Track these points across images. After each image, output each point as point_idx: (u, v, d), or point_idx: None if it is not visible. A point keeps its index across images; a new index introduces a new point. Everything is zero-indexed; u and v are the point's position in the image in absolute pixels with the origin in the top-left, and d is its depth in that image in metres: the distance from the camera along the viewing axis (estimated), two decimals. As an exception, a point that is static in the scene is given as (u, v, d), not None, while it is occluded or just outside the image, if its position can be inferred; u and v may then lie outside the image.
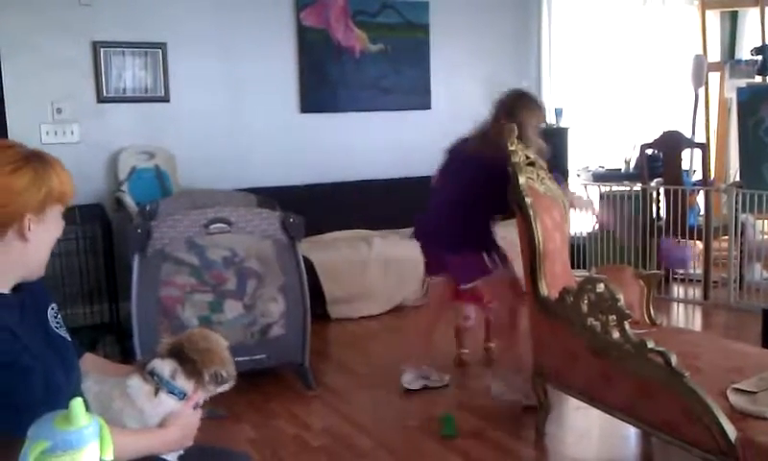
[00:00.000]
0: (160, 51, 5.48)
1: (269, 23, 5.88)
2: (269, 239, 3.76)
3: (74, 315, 4.55)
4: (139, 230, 3.59)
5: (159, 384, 1.74)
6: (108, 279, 4.86)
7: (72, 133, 5.23)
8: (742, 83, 6.48)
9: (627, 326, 2.50)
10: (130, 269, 3.62)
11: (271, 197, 4.54)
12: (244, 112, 5.84)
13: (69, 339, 1.68)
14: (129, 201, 4.99)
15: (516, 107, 3.69)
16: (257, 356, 3.74)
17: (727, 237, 5.36)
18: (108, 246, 4.82)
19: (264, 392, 3.86)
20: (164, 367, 1.77)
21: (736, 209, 5.24)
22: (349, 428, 3.49)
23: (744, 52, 7.17)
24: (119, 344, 4.48)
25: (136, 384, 1.75)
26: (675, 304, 5.54)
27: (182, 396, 1.75)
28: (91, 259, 4.81)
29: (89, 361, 1.86)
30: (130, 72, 5.42)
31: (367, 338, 4.95)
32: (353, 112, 6.26)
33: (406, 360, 3.96)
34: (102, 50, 5.27)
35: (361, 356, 4.57)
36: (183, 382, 1.76)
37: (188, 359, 1.78)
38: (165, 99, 5.55)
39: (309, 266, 4.98)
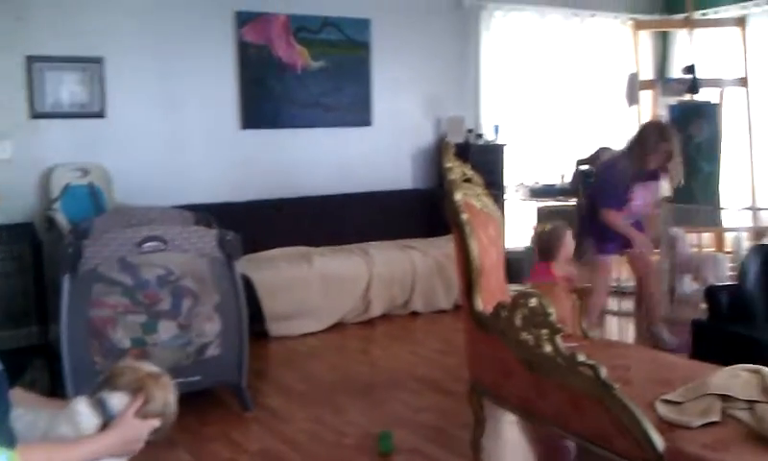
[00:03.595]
0: (97, 66, 5.39)
1: (209, 39, 5.83)
2: (205, 257, 3.71)
3: (1, 338, 4.40)
4: (70, 250, 3.49)
5: (109, 419, 1.72)
6: (37, 300, 4.72)
7: (4, 149, 5.08)
8: (673, 100, 6.68)
9: (558, 339, 2.53)
10: (60, 290, 3.52)
11: (210, 214, 4.49)
12: (183, 128, 5.76)
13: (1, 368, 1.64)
14: (61, 219, 4.85)
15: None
16: (193, 378, 3.67)
17: (659, 250, 5.51)
18: (38, 266, 4.68)
19: (200, 414, 3.78)
20: (117, 401, 1.74)
21: (668, 223, 5.39)
22: (286, 449, 3.45)
23: (675, 71, 7.40)
24: (48, 367, 4.34)
25: (85, 412, 1.72)
26: (608, 317, 5.65)
27: None
28: (20, 280, 4.67)
29: (18, 395, 1.80)
30: (65, 87, 5.31)
31: (307, 356, 4.91)
32: (295, 129, 6.25)
33: None
34: (36, 64, 5.15)
35: (300, 375, 4.53)
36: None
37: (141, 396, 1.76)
38: (101, 115, 5.45)
39: (248, 284, 4.93)
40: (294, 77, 6.18)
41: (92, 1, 5.36)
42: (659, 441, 2.24)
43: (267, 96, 6.09)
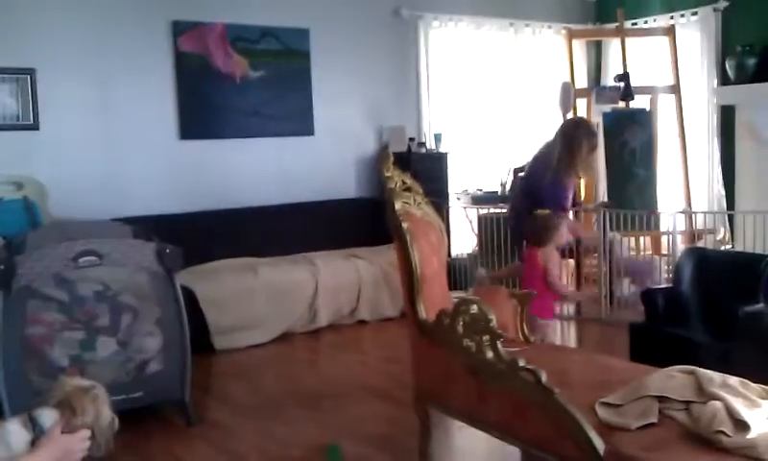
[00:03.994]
0: (29, 77, 5.25)
1: (145, 48, 5.75)
2: (144, 271, 3.64)
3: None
4: (2, 266, 3.38)
5: (40, 434, 1.67)
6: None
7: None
8: (607, 108, 6.86)
9: (499, 345, 2.56)
10: (-8, 308, 3.40)
11: (150, 226, 4.40)
12: (120, 140, 5.66)
13: None
14: (-7, 235, 4.70)
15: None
16: (134, 394, 3.60)
17: (596, 255, 5.64)
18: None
19: (142, 431, 3.70)
20: (47, 417, 1.70)
21: (605, 228, 5.52)
22: (232, 464, 3.41)
23: (609, 79, 7.60)
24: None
25: (16, 430, 1.69)
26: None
27: None
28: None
29: None
30: (-4, 99, 5.16)
31: (253, 368, 4.87)
32: (235, 139, 6.19)
33: None
34: (-35, 76, 5.00)
35: (247, 387, 4.48)
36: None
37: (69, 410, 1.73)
38: (35, 127, 5.32)
39: (191, 297, 4.86)
40: (233, 87, 6.13)
41: (23, 12, 5.24)
42: (599, 443, 2.29)
43: (206, 106, 6.02)
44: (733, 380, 2.52)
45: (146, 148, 5.76)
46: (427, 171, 6.15)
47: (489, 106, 7.54)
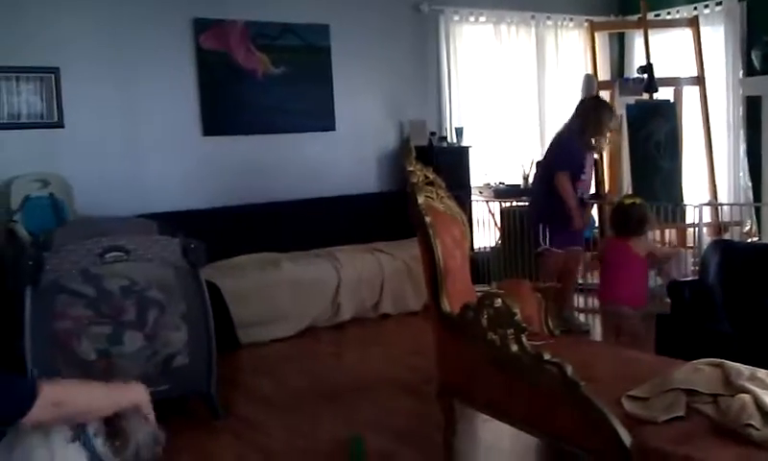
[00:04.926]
0: (53, 76, 5.32)
1: (167, 46, 5.79)
2: (169, 266, 3.68)
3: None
4: (31, 262, 3.44)
5: (84, 440, 1.68)
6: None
7: (-40, 162, 4.99)
8: (631, 100, 6.80)
9: (524, 338, 2.56)
10: (22, 303, 3.45)
11: (174, 222, 4.44)
12: (143, 137, 5.71)
13: None
14: (21, 231, 4.77)
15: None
16: (160, 388, 3.59)
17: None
18: (-1, 279, 4.58)
19: (169, 425, 3.72)
20: (93, 429, 1.71)
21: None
22: (259, 458, 3.43)
23: (632, 71, 7.53)
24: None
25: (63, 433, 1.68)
26: (575, 314, 5.71)
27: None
28: (-20, 294, 4.56)
29: None
30: (21, 98, 5.23)
31: (277, 362, 4.90)
32: (257, 135, 6.22)
33: None
34: (-10, 75, 5.07)
35: (271, 381, 4.51)
36: (105, 450, 1.71)
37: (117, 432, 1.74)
38: (60, 125, 5.38)
39: (216, 291, 4.90)
40: (254, 83, 6.16)
41: (47, 11, 5.29)
42: (626, 436, 2.27)
43: (228, 103, 6.06)
44: (762, 373, 2.50)
45: (169, 145, 5.81)
46: (449, 165, 6.14)
47: (511, 99, 7.50)
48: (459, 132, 6.90)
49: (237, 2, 6.06)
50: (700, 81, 7.06)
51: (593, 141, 5.03)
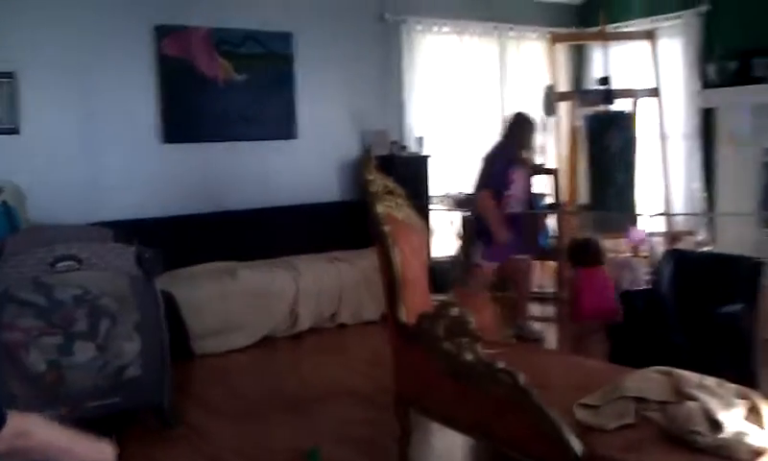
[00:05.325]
0: (10, 81, 5.21)
1: (127, 52, 5.71)
2: (124, 275, 3.62)
3: None
4: (-21, 272, 3.35)
5: None
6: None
7: None
8: (590, 111, 6.89)
9: (478, 347, 2.57)
10: (-31, 314, 3.37)
11: (131, 230, 4.37)
12: (101, 143, 5.62)
13: None
14: (-29, 240, 4.65)
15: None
16: (112, 400, 3.58)
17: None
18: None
19: (121, 437, 3.66)
20: None
21: (585, 230, 5.55)
22: (212, 468, 3.39)
23: (591, 82, 7.64)
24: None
25: None
26: (532, 323, 5.75)
27: None
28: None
29: None
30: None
31: (233, 372, 4.85)
32: (219, 142, 6.16)
33: None
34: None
35: (227, 392, 4.46)
36: None
37: None
38: (14, 131, 5.27)
39: (172, 301, 4.84)
40: (216, 91, 6.10)
41: (5, 15, 5.19)
42: (576, 445, 2.30)
43: (189, 110, 5.99)
44: (710, 381, 2.55)
45: (128, 152, 5.73)
46: (409, 174, 6.14)
47: (473, 109, 7.55)
48: (420, 141, 6.93)
49: (200, 9, 6.00)
50: (657, 93, 7.18)
51: (521, 155, 5.16)
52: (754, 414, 2.37)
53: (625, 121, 6.80)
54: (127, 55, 5.71)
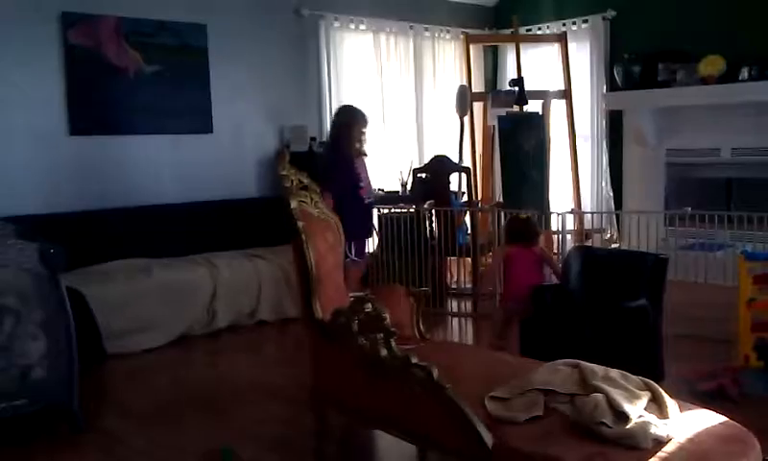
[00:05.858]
0: None
1: (32, 40, 5.49)
2: (26, 273, 3.47)
3: None
4: None
5: None
6: None
7: None
8: (503, 112, 7.05)
9: (393, 343, 2.59)
10: None
11: (36, 226, 4.21)
12: (3, 135, 5.37)
13: None
14: None
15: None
16: (17, 402, 3.45)
17: (492, 253, 5.78)
18: None
19: (27, 442, 3.53)
20: None
21: (499, 227, 5.67)
22: (123, 471, 3.30)
23: (505, 83, 7.82)
24: None
25: None
26: (449, 318, 5.87)
27: None
28: None
29: None
30: None
31: (147, 372, 4.74)
32: (129, 135, 6.00)
33: None
34: None
35: (140, 393, 4.35)
36: None
37: None
38: None
39: (81, 299, 4.68)
40: (127, 82, 5.93)
41: None
42: (488, 437, 2.35)
43: (97, 101, 5.81)
44: (614, 373, 2.64)
45: (32, 144, 5.50)
46: (328, 171, 6.12)
47: (390, 107, 7.61)
48: (338, 137, 6.91)
49: (110, -4, 5.82)
50: (567, 94, 7.42)
51: (356, 147, 5.09)
52: (655, 404, 2.47)
53: (537, 122, 6.99)
54: (31, 43, 5.48)
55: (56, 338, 3.55)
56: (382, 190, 7.19)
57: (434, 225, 6.18)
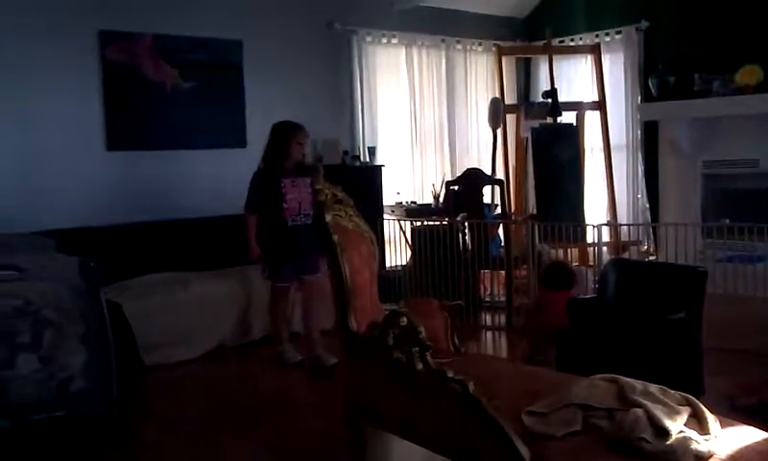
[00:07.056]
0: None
1: (70, 58, 5.60)
2: (66, 286, 3.53)
3: None
4: None
5: None
6: None
7: None
8: (536, 123, 7.02)
9: (429, 356, 2.58)
10: None
11: (76, 240, 4.29)
12: (42, 151, 5.48)
13: None
14: None
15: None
16: (57, 413, 3.49)
17: (526, 266, 5.75)
18: None
19: (67, 452, 3.58)
20: None
21: (533, 240, 5.64)
22: (160, 483, 3.33)
23: (537, 95, 7.79)
24: None
25: None
26: (483, 332, 5.83)
27: None
28: None
29: None
30: None
31: (183, 384, 4.78)
32: (166, 150, 6.08)
33: None
34: None
35: (176, 404, 4.38)
36: None
37: None
38: (-48, 138, 5.11)
39: (119, 312, 4.74)
40: (163, 98, 6.03)
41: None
42: (525, 452, 2.32)
43: (135, 117, 5.91)
44: (654, 388, 2.60)
45: (71, 160, 5.60)
46: (361, 184, 6.17)
47: (422, 120, 7.62)
48: (372, 151, 6.95)
49: (146, 15, 5.92)
50: (600, 106, 7.36)
51: (291, 165, 4.94)
52: (696, 420, 2.43)
53: (571, 133, 6.95)
54: (70, 60, 5.60)
55: (95, 350, 3.60)
56: (414, 203, 7.21)
57: (467, 237, 6.16)
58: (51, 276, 3.49)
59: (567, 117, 7.19)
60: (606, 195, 7.41)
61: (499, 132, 7.17)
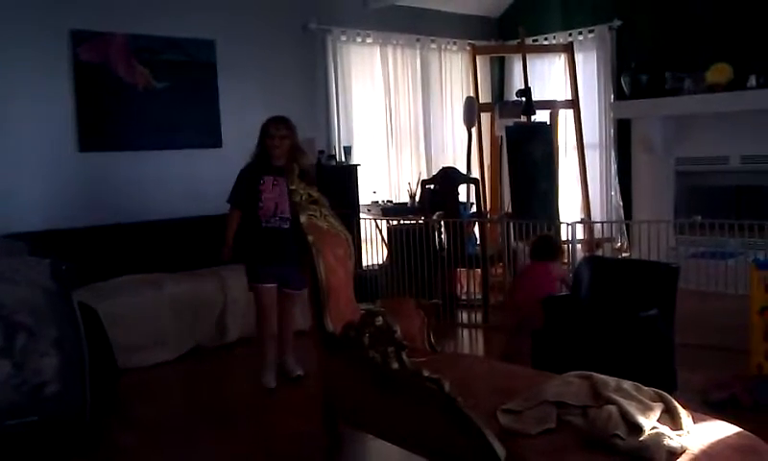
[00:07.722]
0: None
1: (41, 58, 5.52)
2: (39, 289, 3.49)
3: None
4: None
5: None
6: None
7: None
8: (510, 122, 7.06)
9: (404, 355, 2.59)
10: None
11: (49, 242, 4.23)
12: (13, 152, 5.40)
13: None
14: None
15: None
16: (30, 418, 3.44)
17: (502, 263, 5.78)
18: None
19: (42, 457, 3.54)
20: None
21: (508, 238, 5.67)
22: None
23: (511, 94, 7.83)
24: None
25: None
26: (459, 329, 5.86)
27: None
28: None
29: None
30: None
31: (160, 387, 4.75)
32: (139, 151, 6.02)
33: None
34: None
35: (152, 407, 4.35)
36: None
37: None
38: None
39: (93, 315, 4.68)
40: (136, 98, 5.97)
41: None
42: (500, 450, 2.34)
43: (107, 117, 5.84)
44: (627, 384, 2.63)
45: (42, 161, 5.53)
46: (337, 183, 6.16)
47: (398, 119, 7.64)
48: (347, 150, 6.95)
49: (118, 14, 5.86)
50: (574, 104, 7.43)
51: (274, 163, 4.65)
52: (669, 416, 2.46)
53: (545, 131, 7.00)
54: (40, 60, 5.52)
55: (68, 354, 3.56)
56: (390, 202, 7.21)
57: (443, 236, 6.18)
58: (23, 279, 3.45)
59: (541, 116, 7.24)
60: (580, 193, 7.47)
61: (474, 130, 7.21)
